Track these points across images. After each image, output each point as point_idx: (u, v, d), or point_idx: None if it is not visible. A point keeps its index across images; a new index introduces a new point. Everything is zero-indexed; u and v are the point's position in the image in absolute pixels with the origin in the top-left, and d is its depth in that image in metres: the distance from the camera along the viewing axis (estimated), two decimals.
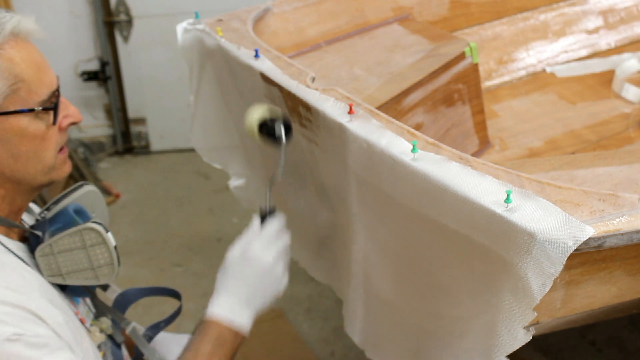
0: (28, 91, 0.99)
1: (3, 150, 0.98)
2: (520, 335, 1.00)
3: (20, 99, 0.98)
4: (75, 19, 3.28)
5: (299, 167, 1.59)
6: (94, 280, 1.07)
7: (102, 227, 1.06)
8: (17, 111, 0.97)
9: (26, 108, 0.98)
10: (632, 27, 2.59)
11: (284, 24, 1.99)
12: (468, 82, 1.89)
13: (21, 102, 0.98)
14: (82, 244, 1.05)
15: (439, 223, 1.06)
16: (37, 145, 1.01)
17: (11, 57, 0.98)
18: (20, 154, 1.00)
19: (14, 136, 0.98)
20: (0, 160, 0.99)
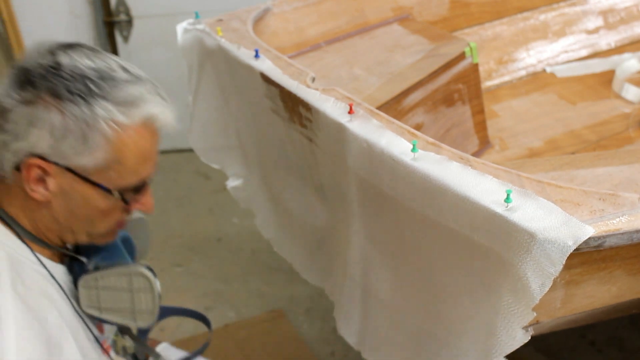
0: (119, 174, 0.96)
1: (64, 203, 0.97)
2: (519, 336, 1.00)
3: (107, 176, 0.96)
4: (75, 19, 3.28)
5: (298, 167, 1.59)
6: (130, 322, 1.06)
7: (152, 274, 1.04)
8: (97, 184, 0.96)
9: (106, 187, 0.96)
10: (632, 27, 2.59)
11: (284, 24, 1.99)
12: (468, 82, 1.89)
13: (106, 178, 0.96)
14: (129, 286, 1.03)
15: (438, 223, 1.06)
16: (96, 215, 1.00)
17: (127, 141, 0.95)
18: (79, 214, 0.99)
19: (81, 199, 0.97)
20: (59, 207, 0.98)
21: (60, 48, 0.95)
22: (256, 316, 2.46)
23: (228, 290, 2.61)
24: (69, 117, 0.90)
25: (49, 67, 0.92)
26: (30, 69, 0.93)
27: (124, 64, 0.98)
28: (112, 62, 0.96)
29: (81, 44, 0.98)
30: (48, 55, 0.94)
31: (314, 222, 1.64)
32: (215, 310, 2.48)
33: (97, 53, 0.97)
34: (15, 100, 0.92)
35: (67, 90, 0.90)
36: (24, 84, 0.92)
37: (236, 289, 2.61)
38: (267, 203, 1.92)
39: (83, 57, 0.94)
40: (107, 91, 0.92)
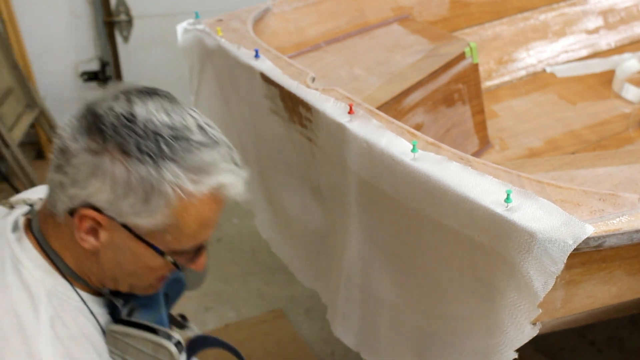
0: (175, 238, 0.91)
1: (113, 254, 0.93)
2: (528, 330, 1.00)
3: (162, 238, 0.91)
4: (75, 19, 3.28)
5: (296, 167, 1.59)
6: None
7: (177, 350, 1.01)
8: (150, 245, 0.91)
9: (160, 249, 0.92)
10: (632, 27, 2.59)
11: (284, 24, 1.99)
12: (468, 82, 1.89)
13: (160, 241, 0.91)
14: (154, 354, 1.01)
15: (439, 223, 1.06)
16: (143, 270, 0.96)
17: (190, 208, 0.88)
18: (126, 267, 0.96)
19: (131, 255, 0.93)
20: (106, 257, 0.94)
21: (138, 95, 0.90)
22: (256, 316, 2.46)
23: (228, 290, 2.61)
24: (134, 175, 0.85)
25: (122, 117, 0.86)
26: (102, 115, 0.87)
27: (202, 121, 0.91)
28: (189, 118, 0.89)
29: (159, 92, 0.92)
30: (124, 102, 0.88)
31: (310, 223, 1.64)
32: (215, 310, 2.48)
33: (175, 105, 0.91)
34: (80, 145, 0.87)
35: (137, 147, 0.84)
36: (93, 132, 0.87)
37: (236, 289, 2.61)
38: (265, 203, 1.92)
39: (160, 109, 0.88)
40: (179, 154, 0.86)
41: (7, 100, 2.67)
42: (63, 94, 3.43)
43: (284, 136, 1.55)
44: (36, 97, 2.88)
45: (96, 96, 0.92)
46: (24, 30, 3.20)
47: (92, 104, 0.90)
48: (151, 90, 0.92)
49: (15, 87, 2.77)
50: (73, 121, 0.90)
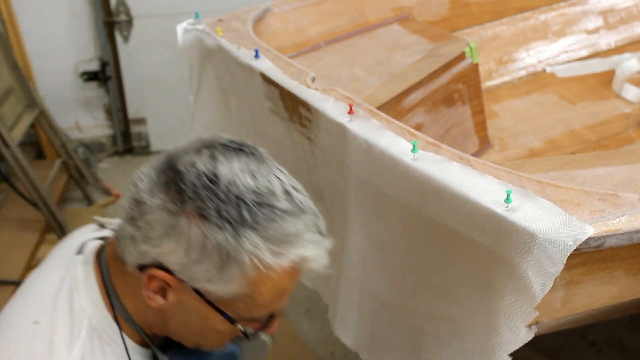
0: (247, 307, 0.86)
1: (180, 314, 0.89)
2: (523, 334, 1.00)
3: (234, 306, 0.86)
4: (75, 19, 3.28)
5: (295, 168, 1.58)
6: None
7: None
8: (221, 311, 0.86)
9: (230, 316, 0.87)
10: (632, 27, 2.59)
11: (284, 24, 1.99)
12: (468, 82, 1.89)
13: (232, 308, 0.86)
14: None
15: (439, 223, 1.06)
16: (211, 332, 0.91)
17: (266, 280, 0.83)
18: (193, 327, 0.91)
19: (199, 317, 0.88)
20: (172, 316, 0.90)
21: (223, 151, 0.84)
22: None
23: None
24: (210, 241, 0.79)
25: (204, 177, 0.80)
26: (183, 173, 0.81)
27: (288, 184, 0.85)
28: (275, 181, 0.83)
29: (245, 148, 0.86)
30: (207, 158, 0.82)
31: None
32: None
33: (262, 165, 0.84)
34: (157, 202, 0.82)
35: (217, 212, 0.79)
36: (172, 190, 0.81)
37: None
38: None
39: (245, 171, 0.82)
40: (261, 223, 0.79)
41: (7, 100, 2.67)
42: (63, 94, 3.42)
43: (284, 136, 1.54)
44: (36, 97, 2.88)
45: (179, 147, 0.87)
46: (24, 30, 3.20)
47: (174, 157, 0.85)
48: (237, 145, 0.86)
49: (15, 87, 2.77)
50: (151, 172, 0.85)
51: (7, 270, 2.44)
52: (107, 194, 3.22)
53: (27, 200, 2.58)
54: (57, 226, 2.61)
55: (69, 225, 2.66)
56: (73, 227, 2.66)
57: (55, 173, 2.89)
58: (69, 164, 3.08)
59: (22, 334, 0.90)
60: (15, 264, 2.48)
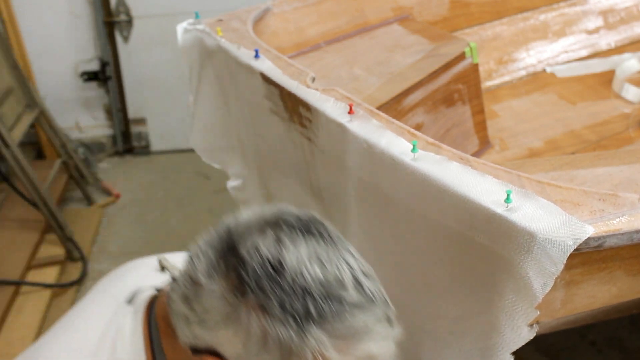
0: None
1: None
2: (524, 333, 1.00)
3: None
4: (75, 19, 3.27)
5: (295, 168, 1.58)
6: None
7: None
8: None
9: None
10: (632, 27, 2.59)
11: (284, 24, 1.99)
12: (468, 82, 1.89)
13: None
14: None
15: (439, 223, 1.06)
16: None
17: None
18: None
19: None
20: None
21: (289, 232, 0.77)
22: None
23: None
24: (271, 336, 0.73)
25: (268, 267, 0.73)
26: (245, 260, 0.74)
27: (358, 269, 0.78)
28: (344, 268, 0.76)
29: (313, 226, 0.79)
30: (272, 241, 0.75)
31: None
32: None
33: (330, 248, 0.77)
34: (215, 287, 0.76)
35: (280, 306, 0.72)
36: (233, 278, 0.75)
37: None
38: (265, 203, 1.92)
39: (313, 258, 0.75)
40: (328, 319, 0.73)
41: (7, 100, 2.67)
42: (63, 94, 3.42)
43: (284, 136, 1.55)
44: (36, 97, 2.88)
45: (240, 219, 0.81)
46: (24, 30, 3.20)
47: (235, 236, 0.78)
48: (304, 223, 0.79)
49: (15, 87, 2.77)
50: (210, 252, 0.79)
51: (7, 270, 2.44)
52: (107, 194, 3.22)
53: (27, 200, 2.58)
54: (57, 226, 2.61)
55: (69, 225, 2.66)
56: (73, 227, 2.68)
57: (55, 173, 2.89)
58: (69, 164, 3.08)
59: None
60: (15, 264, 2.48)
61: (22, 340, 2.21)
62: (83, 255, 2.66)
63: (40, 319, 2.32)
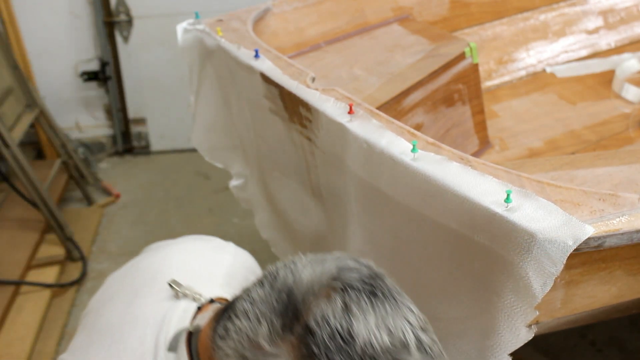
0: None
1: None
2: (523, 333, 1.00)
3: None
4: (75, 19, 3.28)
5: (295, 168, 1.58)
6: None
7: None
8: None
9: None
10: (632, 27, 2.59)
11: (284, 24, 1.99)
12: (468, 82, 1.89)
13: None
14: None
15: (438, 223, 1.06)
16: None
17: None
18: None
19: None
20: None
21: (357, 298, 0.75)
22: None
23: None
24: None
25: (339, 340, 0.72)
26: (314, 332, 0.72)
27: (418, 327, 0.77)
28: (407, 329, 0.75)
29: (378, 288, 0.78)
30: (341, 310, 0.74)
31: (309, 224, 1.64)
32: None
33: (394, 309, 0.76)
34: (279, 354, 0.74)
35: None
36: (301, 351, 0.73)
37: None
38: (265, 203, 1.92)
39: (381, 325, 0.74)
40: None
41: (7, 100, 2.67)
42: (63, 94, 3.42)
43: (284, 136, 1.55)
44: (36, 97, 2.88)
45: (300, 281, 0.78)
46: (24, 30, 3.20)
47: (299, 302, 0.76)
48: (370, 285, 0.78)
49: (15, 87, 2.77)
50: (271, 316, 0.76)
51: (7, 270, 2.44)
52: (107, 194, 3.22)
53: (27, 200, 2.58)
54: (57, 226, 2.61)
55: (69, 225, 2.66)
56: (73, 227, 2.68)
57: (55, 173, 2.89)
58: (69, 164, 3.08)
59: None
60: (15, 264, 2.48)
61: (22, 340, 2.21)
62: (83, 255, 2.66)
63: (40, 319, 2.32)
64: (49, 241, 2.69)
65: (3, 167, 2.85)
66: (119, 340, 0.94)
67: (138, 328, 0.95)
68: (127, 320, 0.97)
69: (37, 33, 3.24)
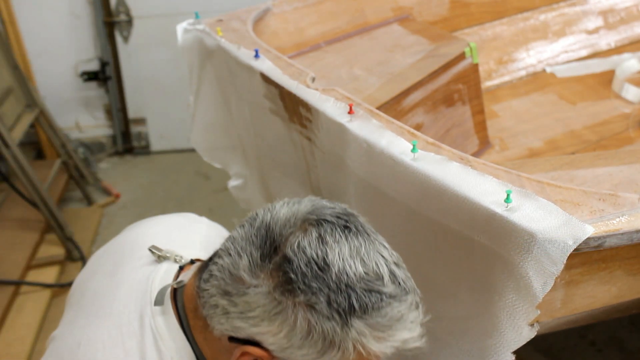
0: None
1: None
2: (525, 332, 1.00)
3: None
4: (75, 19, 3.27)
5: (295, 168, 1.58)
6: None
7: None
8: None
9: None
10: (632, 27, 2.59)
11: (284, 24, 1.99)
12: (468, 82, 1.89)
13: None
14: None
15: (439, 223, 1.06)
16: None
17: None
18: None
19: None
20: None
21: (331, 230, 0.80)
22: None
23: None
24: (316, 330, 0.77)
25: (314, 267, 0.77)
26: (292, 261, 0.77)
27: (392, 261, 0.82)
28: (381, 262, 0.80)
29: (351, 223, 0.82)
30: (316, 241, 0.79)
31: None
32: None
33: (368, 243, 0.81)
34: (261, 287, 0.79)
35: (327, 303, 0.76)
36: (280, 279, 0.78)
37: None
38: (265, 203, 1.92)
39: (355, 255, 0.79)
40: (369, 312, 0.77)
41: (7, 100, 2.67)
42: (63, 94, 3.42)
43: (284, 136, 1.55)
44: (36, 97, 2.88)
45: (277, 215, 0.83)
46: (24, 30, 3.20)
47: (277, 235, 0.81)
48: (344, 220, 0.82)
49: (15, 87, 2.77)
50: (251, 249, 0.81)
51: (7, 270, 2.44)
52: (107, 194, 3.22)
53: (27, 200, 2.58)
54: (57, 226, 2.61)
55: (69, 225, 2.66)
56: (73, 227, 2.68)
57: (55, 173, 2.89)
58: (69, 164, 3.08)
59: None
60: (15, 264, 2.48)
61: (22, 340, 2.21)
62: (83, 255, 2.66)
63: (40, 319, 2.32)
64: (49, 241, 2.69)
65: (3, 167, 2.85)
66: (105, 306, 0.96)
67: (122, 292, 0.97)
68: (111, 288, 0.99)
69: (37, 33, 3.24)
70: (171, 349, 0.90)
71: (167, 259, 1.01)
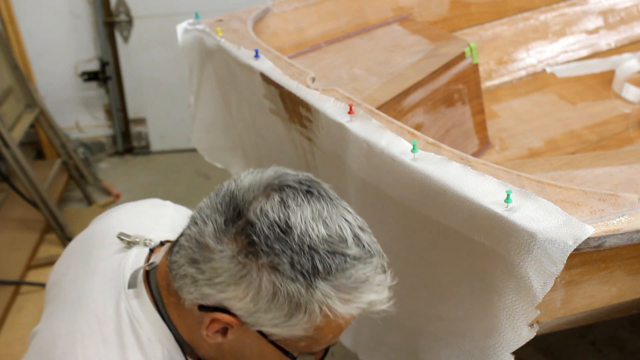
0: (308, 345, 0.86)
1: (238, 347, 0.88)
2: (525, 332, 1.00)
3: (295, 345, 0.85)
4: (75, 19, 3.28)
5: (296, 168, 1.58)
6: None
7: None
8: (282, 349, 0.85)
9: (290, 353, 0.86)
10: (632, 27, 2.59)
11: (284, 24, 1.99)
12: (468, 82, 1.89)
13: (292, 346, 0.85)
14: None
15: (439, 223, 1.06)
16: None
17: (332, 324, 0.82)
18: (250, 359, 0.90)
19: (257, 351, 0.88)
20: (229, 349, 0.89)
21: (293, 195, 0.81)
22: None
23: None
24: (281, 293, 0.78)
25: (277, 229, 0.78)
26: (254, 224, 0.79)
27: (356, 225, 0.83)
28: (345, 225, 0.81)
29: (313, 188, 0.84)
30: (278, 205, 0.80)
31: None
32: None
33: (331, 207, 0.82)
34: (225, 252, 0.80)
35: (290, 265, 0.77)
36: (244, 243, 0.79)
37: None
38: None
39: (317, 218, 0.80)
40: (333, 273, 0.78)
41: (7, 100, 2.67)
42: (63, 94, 3.42)
43: (284, 136, 1.55)
44: (36, 97, 2.88)
45: (241, 184, 0.84)
46: (24, 30, 3.20)
47: (241, 201, 0.82)
48: (306, 185, 0.84)
49: (15, 87, 2.77)
50: (216, 216, 0.82)
51: (7, 270, 2.44)
52: (107, 194, 3.22)
53: (27, 200, 2.58)
54: (57, 226, 2.61)
55: (69, 225, 2.66)
56: (73, 227, 2.68)
57: (55, 173, 2.89)
58: (69, 164, 3.08)
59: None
60: (15, 264, 2.48)
61: (22, 340, 2.21)
62: None
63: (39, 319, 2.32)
64: (49, 241, 2.69)
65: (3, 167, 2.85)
66: (81, 297, 0.97)
67: (96, 281, 0.98)
68: (85, 279, 1.00)
69: (37, 33, 3.24)
70: (148, 330, 0.91)
71: (137, 243, 1.02)
